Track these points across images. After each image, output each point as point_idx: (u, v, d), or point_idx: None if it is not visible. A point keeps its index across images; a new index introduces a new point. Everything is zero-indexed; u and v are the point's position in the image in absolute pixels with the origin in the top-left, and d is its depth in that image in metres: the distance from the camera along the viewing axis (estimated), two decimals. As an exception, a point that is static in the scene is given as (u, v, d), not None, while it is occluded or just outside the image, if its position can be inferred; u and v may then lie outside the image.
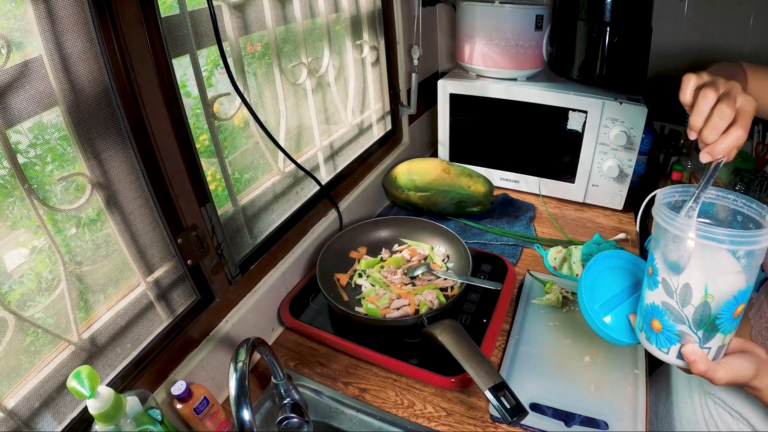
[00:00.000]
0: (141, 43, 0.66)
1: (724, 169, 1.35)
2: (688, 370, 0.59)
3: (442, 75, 1.46)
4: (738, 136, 0.54)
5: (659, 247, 0.58)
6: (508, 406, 0.71)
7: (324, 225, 1.18)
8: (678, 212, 0.55)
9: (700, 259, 0.54)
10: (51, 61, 0.58)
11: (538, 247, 1.23)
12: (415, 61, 1.39)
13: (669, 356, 0.60)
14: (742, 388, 0.61)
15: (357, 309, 1.00)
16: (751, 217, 0.57)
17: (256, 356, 0.96)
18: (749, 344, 0.61)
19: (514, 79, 1.37)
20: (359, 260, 1.14)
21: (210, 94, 0.83)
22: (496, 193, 1.43)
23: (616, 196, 1.34)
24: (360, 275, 1.10)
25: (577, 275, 1.11)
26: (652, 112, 1.22)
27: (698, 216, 0.56)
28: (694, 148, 1.44)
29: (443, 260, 1.13)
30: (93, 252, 0.69)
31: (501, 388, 0.73)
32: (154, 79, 0.69)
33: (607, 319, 0.72)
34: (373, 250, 1.18)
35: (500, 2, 1.28)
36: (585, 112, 1.25)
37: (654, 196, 0.60)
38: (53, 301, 0.64)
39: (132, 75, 0.65)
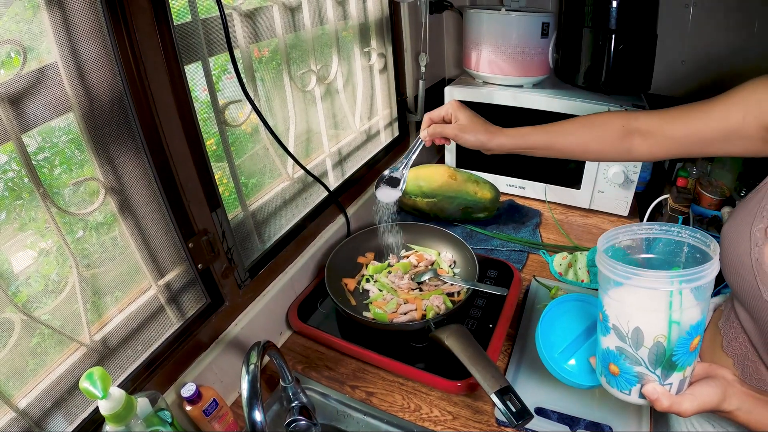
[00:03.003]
0: (154, 51, 0.67)
1: (728, 176, 1.35)
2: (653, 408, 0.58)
3: (449, 82, 1.47)
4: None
5: (607, 293, 0.57)
6: (514, 410, 0.71)
7: (332, 230, 1.19)
8: (626, 252, 0.58)
9: (647, 301, 0.53)
10: (66, 67, 0.59)
11: (544, 253, 1.23)
12: (423, 68, 1.40)
13: (632, 397, 0.58)
14: (714, 413, 0.59)
15: (365, 313, 1.01)
16: (698, 247, 0.56)
17: (265, 359, 0.96)
18: (714, 368, 0.59)
19: (521, 86, 1.38)
20: (367, 265, 1.15)
21: (218, 98, 0.84)
22: (502, 199, 1.43)
23: (621, 202, 1.34)
24: (368, 280, 1.11)
25: (582, 281, 1.11)
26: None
27: (641, 254, 0.60)
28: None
29: (450, 266, 1.14)
30: (105, 255, 0.70)
31: (507, 392, 0.73)
32: (167, 86, 0.70)
33: (572, 362, 0.69)
34: (381, 256, 1.18)
35: (507, 9, 1.29)
36: (591, 118, 1.25)
37: (661, 201, 0.60)
38: (61, 303, 0.65)
39: (146, 82, 0.66)
